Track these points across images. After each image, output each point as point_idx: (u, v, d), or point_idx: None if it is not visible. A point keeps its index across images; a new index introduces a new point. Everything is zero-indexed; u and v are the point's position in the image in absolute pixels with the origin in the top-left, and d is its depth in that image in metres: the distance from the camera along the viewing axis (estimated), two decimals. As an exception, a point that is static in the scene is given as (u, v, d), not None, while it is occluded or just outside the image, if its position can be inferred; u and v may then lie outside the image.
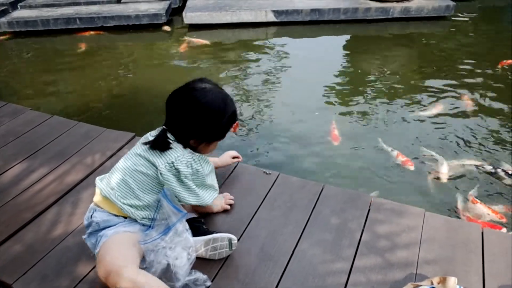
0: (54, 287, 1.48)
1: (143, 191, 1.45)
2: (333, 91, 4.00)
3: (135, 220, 1.47)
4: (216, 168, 1.76)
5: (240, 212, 1.82)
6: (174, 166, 1.40)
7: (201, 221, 1.65)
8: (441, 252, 1.60)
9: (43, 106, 3.74)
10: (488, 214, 2.43)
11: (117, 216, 1.47)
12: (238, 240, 1.65)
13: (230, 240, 1.57)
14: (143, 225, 1.48)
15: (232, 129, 1.47)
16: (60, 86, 4.21)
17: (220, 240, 1.56)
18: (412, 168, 2.83)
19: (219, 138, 1.52)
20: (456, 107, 3.65)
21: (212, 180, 1.55)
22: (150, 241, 1.41)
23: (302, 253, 1.60)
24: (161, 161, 1.41)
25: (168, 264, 1.40)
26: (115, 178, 1.48)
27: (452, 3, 5.58)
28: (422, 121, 3.44)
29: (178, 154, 1.42)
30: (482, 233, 1.68)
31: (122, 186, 1.46)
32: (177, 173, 1.41)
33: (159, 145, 1.43)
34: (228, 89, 4.02)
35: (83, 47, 5.27)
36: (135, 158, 1.47)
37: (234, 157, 2.04)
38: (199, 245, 1.54)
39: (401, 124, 3.42)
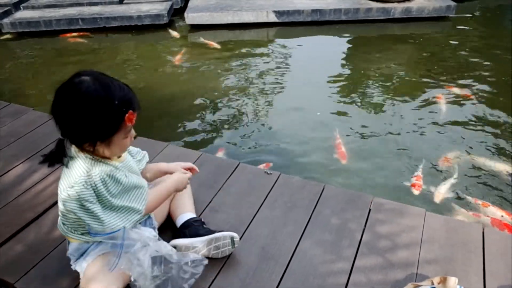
0: (55, 287, 1.49)
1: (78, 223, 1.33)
2: (335, 92, 4.01)
3: (107, 239, 1.35)
4: (160, 173, 1.64)
5: (241, 211, 1.82)
6: (73, 190, 1.21)
7: (201, 220, 1.65)
8: (441, 252, 1.60)
9: (45, 106, 3.75)
10: (502, 216, 2.41)
11: (86, 242, 1.40)
12: (240, 239, 1.65)
13: (232, 238, 1.57)
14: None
15: (127, 121, 1.22)
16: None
17: (223, 239, 1.57)
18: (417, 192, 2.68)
19: (111, 132, 1.22)
20: (460, 107, 3.65)
21: (129, 201, 1.34)
22: (115, 265, 1.28)
23: (303, 253, 1.61)
24: (62, 183, 1.27)
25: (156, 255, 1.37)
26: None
27: (453, 3, 5.58)
28: (428, 124, 3.43)
29: (80, 170, 1.23)
30: (483, 233, 1.68)
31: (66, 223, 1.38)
32: (76, 199, 1.22)
33: (56, 158, 1.26)
34: (229, 89, 4.03)
35: (86, 47, 5.30)
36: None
37: (186, 168, 1.69)
38: (202, 245, 1.55)
39: (406, 126, 3.41)
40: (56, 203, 1.88)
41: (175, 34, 5.39)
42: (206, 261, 1.48)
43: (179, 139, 3.24)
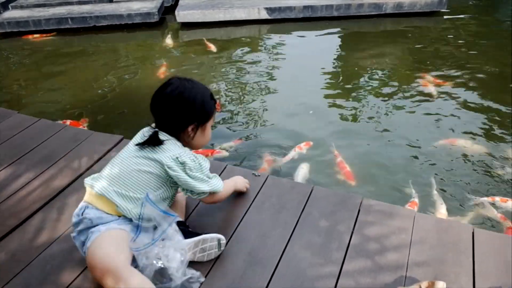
0: (38, 296, 1.46)
1: (143, 189, 1.46)
2: (328, 89, 3.98)
3: (128, 220, 1.46)
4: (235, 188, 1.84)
5: (228, 214, 1.79)
6: (179, 160, 1.45)
7: (185, 223, 1.63)
8: (431, 254, 1.58)
9: (32, 108, 3.70)
10: None
11: (110, 214, 1.45)
12: (227, 243, 1.63)
13: (219, 240, 1.56)
14: (135, 226, 1.46)
15: (217, 107, 1.60)
16: (50, 87, 4.17)
17: (210, 241, 1.54)
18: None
19: (209, 116, 1.57)
20: (452, 100, 3.64)
21: (213, 174, 1.61)
22: (143, 248, 1.38)
23: (291, 256, 1.58)
24: (165, 156, 1.45)
25: (162, 267, 1.38)
26: (112, 177, 1.47)
27: (445, -2, 5.57)
28: (420, 121, 3.42)
29: (180, 150, 1.48)
30: (473, 233, 1.66)
31: (121, 184, 1.45)
32: (183, 167, 1.45)
33: (154, 143, 1.48)
34: (221, 87, 4.00)
35: (75, 47, 5.24)
36: (134, 159, 1.48)
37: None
38: (187, 247, 1.52)
39: (400, 123, 3.40)
40: (40, 209, 1.85)
41: (168, 42, 5.27)
42: (203, 279, 1.47)
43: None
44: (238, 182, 1.84)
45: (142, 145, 1.48)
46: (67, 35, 5.60)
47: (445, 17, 5.68)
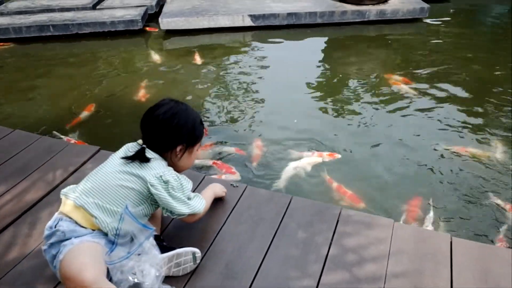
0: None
1: (124, 204, 1.43)
2: (313, 96, 3.97)
3: (103, 234, 1.42)
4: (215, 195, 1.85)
5: (206, 227, 1.76)
6: (162, 178, 1.45)
7: (159, 237, 1.59)
8: (409, 265, 1.57)
9: (9, 118, 3.62)
10: None
11: (84, 228, 1.41)
12: (203, 256, 1.60)
13: (194, 254, 1.53)
14: (110, 241, 1.42)
15: (205, 133, 1.65)
16: (29, 96, 4.08)
17: (184, 255, 1.52)
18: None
19: (197, 140, 1.62)
20: (433, 107, 3.68)
21: (198, 196, 1.63)
22: (118, 261, 1.34)
23: (268, 270, 1.55)
24: (149, 174, 1.45)
25: (136, 282, 1.35)
26: (93, 189, 1.44)
27: (426, 6, 5.63)
28: (405, 125, 3.44)
29: (164, 169, 1.49)
30: (451, 242, 1.66)
31: (102, 197, 1.43)
32: (166, 186, 1.46)
33: (141, 159, 1.49)
34: (204, 95, 3.97)
35: (56, 55, 5.16)
36: (118, 174, 1.47)
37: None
38: (162, 262, 1.48)
39: (383, 127, 3.41)
40: (10, 224, 1.79)
41: (152, 50, 5.19)
42: None
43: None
44: (216, 190, 1.86)
45: (128, 159, 1.48)
46: (48, 42, 5.51)
47: (427, 24, 5.75)
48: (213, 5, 6.02)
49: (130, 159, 1.48)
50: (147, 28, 5.82)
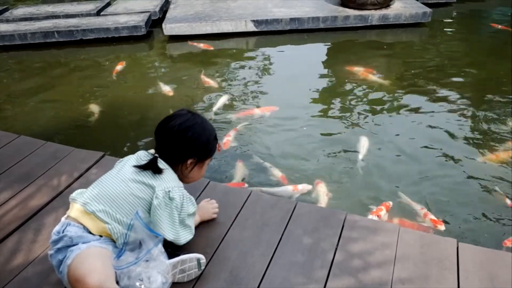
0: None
1: (132, 215, 1.44)
2: (317, 102, 3.96)
3: (110, 240, 1.43)
4: (202, 219, 1.78)
5: (211, 232, 1.75)
6: (169, 195, 1.45)
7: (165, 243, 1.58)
8: (415, 270, 1.56)
9: (16, 124, 3.64)
10: None
11: (92, 234, 1.42)
12: (208, 262, 1.59)
13: (198, 260, 1.53)
14: (116, 247, 1.43)
15: (218, 149, 1.65)
16: (34, 102, 4.10)
17: (188, 261, 1.51)
18: (442, 228, 2.42)
19: (209, 156, 1.62)
20: (437, 111, 3.67)
21: (191, 222, 1.59)
22: (126, 266, 1.35)
23: (273, 276, 1.54)
24: (159, 184, 1.46)
25: None
26: (106, 196, 1.44)
27: (429, 10, 5.64)
28: (409, 131, 3.42)
29: (175, 184, 1.50)
30: (457, 248, 1.65)
31: (114, 206, 1.44)
32: (169, 203, 1.46)
33: (154, 169, 1.49)
34: (209, 101, 3.97)
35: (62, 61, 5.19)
36: (131, 183, 1.47)
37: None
38: (168, 269, 1.48)
39: (385, 131, 3.41)
40: (16, 230, 1.79)
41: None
42: None
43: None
44: (204, 215, 1.78)
45: (140, 168, 1.49)
46: (53, 48, 5.54)
47: (429, 28, 5.75)
48: (216, 10, 6.05)
49: (142, 168, 1.49)
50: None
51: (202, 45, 5.39)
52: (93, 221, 1.42)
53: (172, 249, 1.59)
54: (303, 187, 2.72)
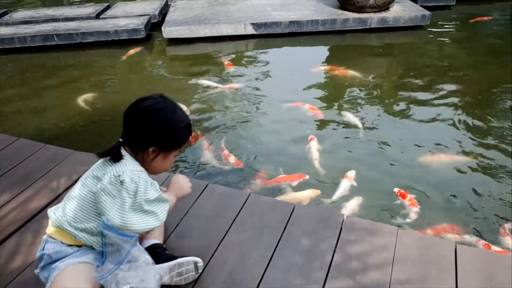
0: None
1: (92, 219, 1.37)
2: (316, 105, 3.96)
3: (90, 248, 1.41)
4: (178, 198, 1.59)
5: (209, 235, 1.76)
6: (119, 178, 1.30)
7: (162, 246, 1.59)
8: (414, 271, 1.56)
9: (15, 127, 3.65)
10: None
11: (70, 246, 1.40)
12: (206, 265, 1.59)
13: (195, 263, 1.52)
14: (99, 253, 1.40)
15: (191, 140, 1.49)
16: (34, 105, 4.11)
17: (186, 264, 1.51)
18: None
19: (175, 146, 1.46)
20: (438, 114, 3.69)
21: (156, 208, 1.37)
22: (108, 275, 1.34)
23: (272, 278, 1.55)
24: (110, 170, 1.34)
25: None
26: (69, 204, 1.40)
27: (428, 13, 5.65)
28: (409, 135, 3.41)
29: (131, 168, 1.35)
30: (456, 249, 1.65)
31: (76, 210, 1.38)
32: (118, 185, 1.30)
33: (111, 156, 1.37)
34: (208, 104, 3.98)
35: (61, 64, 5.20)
36: (87, 180, 1.40)
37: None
38: (163, 272, 1.48)
39: (383, 133, 3.40)
40: (15, 232, 1.79)
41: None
42: None
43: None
44: (178, 191, 1.60)
45: (102, 156, 1.39)
46: (52, 51, 5.55)
47: (428, 31, 5.76)
48: (215, 13, 6.07)
49: (103, 156, 1.38)
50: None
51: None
52: (63, 234, 1.40)
53: (170, 251, 1.60)
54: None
